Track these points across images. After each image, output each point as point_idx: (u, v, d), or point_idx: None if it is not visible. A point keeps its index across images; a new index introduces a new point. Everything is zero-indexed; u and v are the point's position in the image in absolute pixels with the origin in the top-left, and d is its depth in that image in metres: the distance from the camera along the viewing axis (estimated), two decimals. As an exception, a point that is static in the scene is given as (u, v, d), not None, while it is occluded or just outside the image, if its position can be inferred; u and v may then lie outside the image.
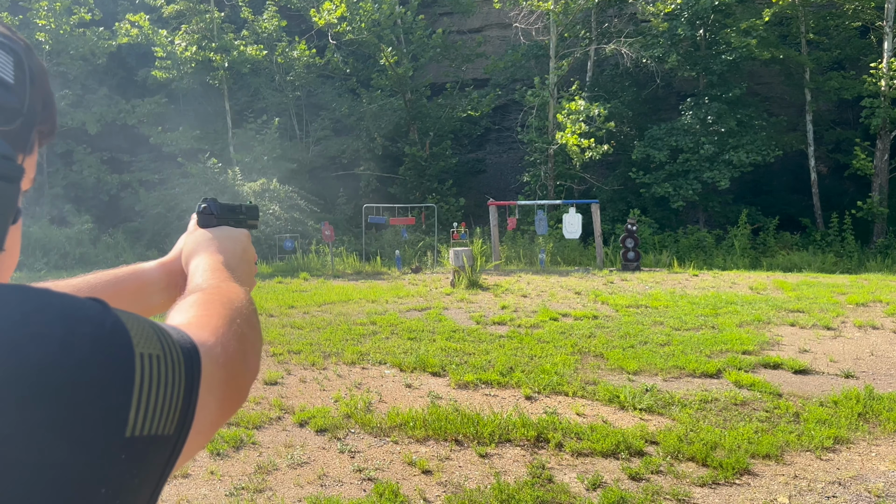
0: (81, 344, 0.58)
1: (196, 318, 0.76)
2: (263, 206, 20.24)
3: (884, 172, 20.46)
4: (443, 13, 28.16)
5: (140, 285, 1.07)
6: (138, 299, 1.05)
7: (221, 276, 0.95)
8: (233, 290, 0.88)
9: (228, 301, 0.83)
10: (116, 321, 0.62)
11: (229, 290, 0.87)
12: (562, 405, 5.78)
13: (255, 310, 0.89)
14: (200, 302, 0.81)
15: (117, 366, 0.59)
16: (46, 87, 0.73)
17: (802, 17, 21.79)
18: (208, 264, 0.99)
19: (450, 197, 23.76)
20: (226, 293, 0.86)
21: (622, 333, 8.57)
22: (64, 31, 22.73)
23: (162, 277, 1.09)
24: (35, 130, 0.72)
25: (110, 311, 0.63)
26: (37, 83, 0.71)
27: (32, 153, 0.73)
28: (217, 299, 0.83)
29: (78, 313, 0.60)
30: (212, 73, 23.84)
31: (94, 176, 23.47)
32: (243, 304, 0.85)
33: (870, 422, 5.31)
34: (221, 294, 0.85)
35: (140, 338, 0.62)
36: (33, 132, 0.72)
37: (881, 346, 7.96)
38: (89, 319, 0.60)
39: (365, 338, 8.46)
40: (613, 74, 25.00)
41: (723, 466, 4.41)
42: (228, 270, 0.99)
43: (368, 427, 5.25)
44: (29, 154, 0.72)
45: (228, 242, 1.09)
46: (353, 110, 24.88)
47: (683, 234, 20.99)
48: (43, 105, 0.73)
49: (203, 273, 0.96)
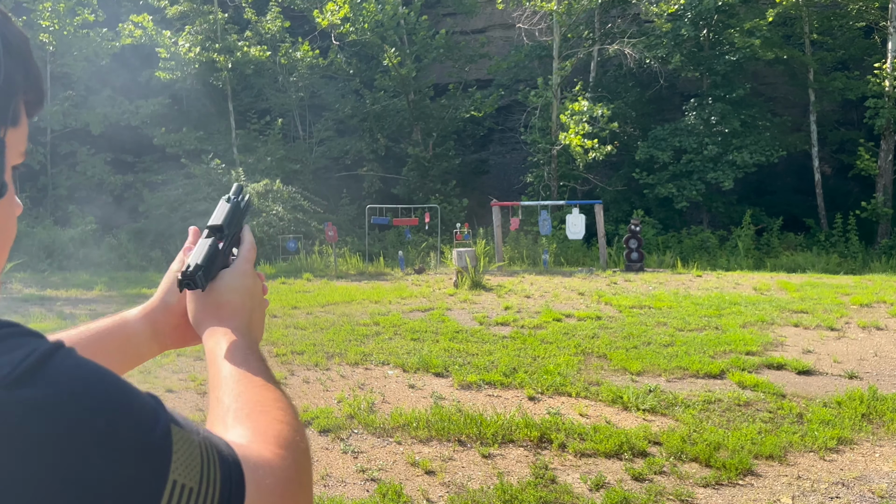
0: (117, 446, 0.56)
1: (247, 437, 0.71)
2: (267, 207, 20.26)
3: (888, 173, 20.41)
4: (446, 14, 28.17)
5: (125, 338, 1.01)
6: (125, 353, 1.00)
7: (255, 366, 0.85)
8: (276, 397, 0.80)
9: (277, 411, 0.77)
10: (166, 434, 0.59)
11: (275, 399, 0.79)
12: (565, 406, 5.78)
13: (297, 412, 0.81)
14: (244, 415, 0.75)
15: (143, 487, 0.56)
16: (27, 56, 0.70)
17: (806, 17, 21.75)
18: (235, 354, 0.87)
19: (453, 197, 23.76)
20: (271, 401, 0.78)
21: (625, 334, 8.56)
22: (67, 32, 22.77)
23: (146, 328, 1.03)
24: (19, 101, 0.70)
25: (163, 417, 0.60)
26: (14, 52, 0.67)
27: (19, 125, 0.70)
28: (261, 409, 0.76)
29: (129, 408, 0.58)
30: (215, 74, 23.87)
31: (98, 177, 23.50)
32: (292, 415, 0.78)
33: (873, 422, 5.30)
34: (265, 403, 0.78)
35: (181, 462, 0.58)
36: (15, 102, 0.69)
37: (885, 346, 7.94)
38: (138, 423, 0.58)
39: (368, 338, 8.47)
40: (617, 75, 24.98)
41: (726, 467, 4.41)
42: (252, 338, 0.93)
43: (371, 427, 5.25)
44: (13, 126, 0.69)
45: (242, 298, 0.98)
46: (356, 111, 24.90)
47: (687, 234, 20.97)
48: (25, 74, 0.70)
49: (232, 376, 0.83)
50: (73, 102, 23.17)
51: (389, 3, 22.47)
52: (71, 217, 21.36)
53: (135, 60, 25.62)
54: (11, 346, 0.58)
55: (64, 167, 23.69)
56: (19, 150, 0.72)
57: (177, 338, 1.05)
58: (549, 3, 21.64)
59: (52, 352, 0.59)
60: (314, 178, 24.96)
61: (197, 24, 23.66)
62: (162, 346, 1.05)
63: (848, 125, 24.34)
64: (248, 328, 0.95)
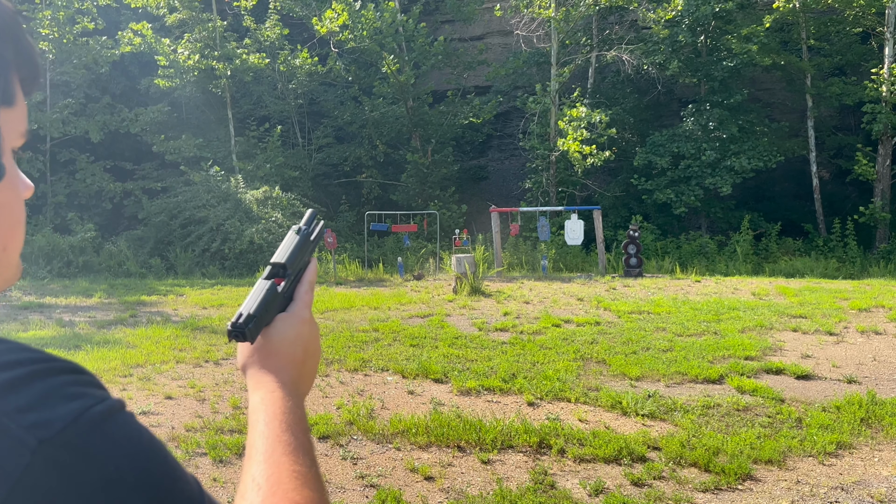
0: None
1: None
2: (266, 214, 20.27)
3: (886, 178, 20.45)
4: (444, 21, 28.24)
5: None
6: None
7: (294, 439, 0.78)
8: (305, 482, 0.73)
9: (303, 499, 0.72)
10: None
11: (302, 484, 0.73)
12: (564, 411, 5.78)
13: (326, 493, 0.76)
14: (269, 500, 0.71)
15: None
16: (16, 31, 0.68)
17: (803, 23, 21.83)
18: (275, 420, 0.80)
19: (452, 204, 23.79)
20: (299, 487, 0.72)
21: (624, 339, 8.57)
22: (67, 40, 22.82)
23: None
24: (11, 78, 0.68)
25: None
26: (2, 29, 0.66)
27: (14, 104, 0.68)
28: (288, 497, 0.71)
29: (169, 493, 0.59)
30: (214, 82, 23.92)
31: (98, 184, 23.52)
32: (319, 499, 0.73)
33: (872, 427, 5.31)
34: (292, 491, 0.72)
35: None
36: (6, 81, 0.67)
37: (884, 351, 7.95)
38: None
39: (367, 345, 8.47)
40: (615, 81, 25.04)
41: (725, 472, 4.41)
42: (300, 394, 0.88)
43: (371, 434, 5.26)
44: (9, 105, 0.67)
45: (295, 350, 0.92)
46: (355, 118, 24.94)
47: (686, 240, 20.98)
48: (16, 51, 0.68)
49: (267, 451, 0.76)
50: (73, 110, 23.20)
51: (388, 10, 22.54)
52: (70, 224, 21.36)
53: (134, 68, 25.68)
54: (77, 393, 0.59)
55: (63, 175, 23.71)
56: (18, 130, 0.70)
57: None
58: (547, 10, 21.71)
59: (114, 411, 0.59)
60: (313, 184, 24.99)
61: (196, 32, 23.71)
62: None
63: (845, 130, 24.39)
64: (296, 383, 0.89)
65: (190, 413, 5.84)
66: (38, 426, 0.55)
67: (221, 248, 19.41)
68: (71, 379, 0.60)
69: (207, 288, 15.06)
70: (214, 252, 19.45)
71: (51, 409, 0.56)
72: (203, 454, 4.90)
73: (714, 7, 20.48)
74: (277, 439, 0.77)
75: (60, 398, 0.57)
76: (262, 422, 0.80)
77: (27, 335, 9.24)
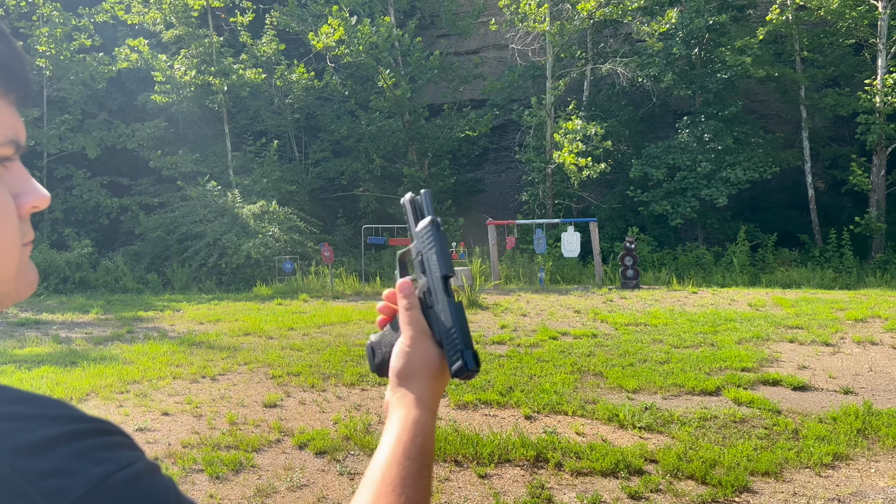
0: None
1: None
2: (263, 229, 20.29)
3: (881, 188, 20.54)
4: (440, 35, 28.40)
5: None
6: None
7: (417, 466, 0.82)
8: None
9: None
10: None
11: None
12: (561, 424, 5.78)
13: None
14: None
15: None
16: (4, 37, 0.67)
17: (796, 35, 21.99)
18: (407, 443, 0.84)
19: (449, 217, 23.83)
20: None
21: (621, 352, 8.57)
22: (64, 56, 22.91)
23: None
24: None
25: None
26: None
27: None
28: None
29: None
30: (211, 97, 24.00)
31: (94, 200, 23.56)
32: None
33: (869, 438, 5.31)
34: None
35: None
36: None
37: (880, 361, 7.96)
38: None
39: (364, 359, 8.46)
40: (610, 94, 25.17)
41: (722, 484, 4.41)
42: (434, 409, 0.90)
43: (368, 449, 5.25)
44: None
45: (437, 377, 0.93)
46: (351, 132, 25.03)
47: (682, 251, 21.03)
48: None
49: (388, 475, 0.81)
50: (70, 126, 23.27)
51: (384, 25, 22.66)
52: (67, 240, 21.38)
53: (131, 84, 25.77)
54: (102, 458, 0.58)
55: (60, 191, 23.73)
56: (7, 136, 0.67)
57: None
58: (542, 24, 21.85)
59: (140, 476, 0.59)
60: (310, 198, 25.03)
61: (192, 48, 23.81)
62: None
63: (840, 141, 24.51)
64: (434, 398, 0.91)
65: (186, 429, 5.83)
66: (57, 493, 0.54)
67: (218, 263, 19.41)
68: (98, 443, 0.59)
69: (205, 303, 15.04)
70: (211, 267, 19.45)
71: (72, 476, 0.55)
72: (199, 471, 4.89)
73: (708, 20, 20.63)
74: (398, 461, 0.81)
75: (84, 463, 0.57)
76: (395, 439, 0.84)
77: (23, 352, 9.22)
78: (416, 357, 0.91)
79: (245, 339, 10.16)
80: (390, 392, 0.92)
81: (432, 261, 0.93)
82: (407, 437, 0.84)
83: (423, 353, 0.92)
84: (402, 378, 0.91)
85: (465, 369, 0.86)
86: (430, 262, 0.94)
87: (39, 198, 0.69)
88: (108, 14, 23.95)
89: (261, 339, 10.14)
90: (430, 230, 0.95)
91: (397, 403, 0.89)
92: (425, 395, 0.89)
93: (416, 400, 0.88)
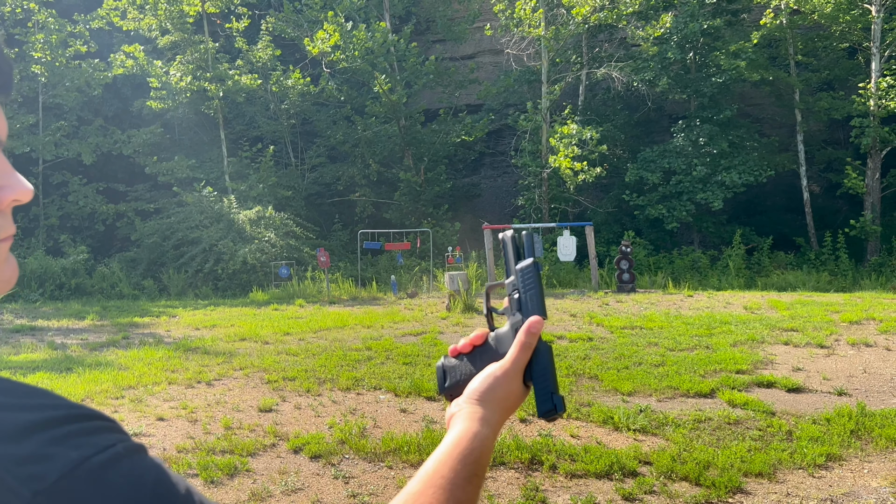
0: None
1: None
2: (259, 234, 20.29)
3: (875, 191, 20.60)
4: (436, 40, 28.46)
5: None
6: None
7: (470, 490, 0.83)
8: None
9: None
10: None
11: None
12: (556, 427, 5.79)
13: None
14: None
15: None
16: None
17: (790, 38, 22.06)
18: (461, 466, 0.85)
19: (445, 221, 23.85)
20: None
21: (617, 355, 8.59)
22: (60, 63, 22.93)
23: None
24: None
25: None
26: None
27: None
28: None
29: None
30: (207, 103, 24.02)
31: (90, 206, 23.55)
32: None
33: (862, 438, 5.33)
34: None
35: None
36: None
37: (874, 363, 7.98)
38: None
39: (360, 363, 8.47)
40: (605, 98, 25.24)
41: (716, 485, 4.42)
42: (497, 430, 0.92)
43: (363, 453, 5.26)
44: None
45: (509, 410, 0.96)
46: (347, 137, 25.05)
47: (678, 255, 21.05)
48: None
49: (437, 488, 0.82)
50: (65, 133, 23.27)
51: (379, 30, 22.70)
52: (63, 247, 21.35)
53: (126, 90, 25.78)
54: (80, 443, 0.58)
55: (56, 197, 23.72)
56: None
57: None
58: (537, 29, 21.91)
59: (119, 457, 0.59)
60: (306, 204, 25.04)
61: (188, 54, 23.84)
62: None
63: (835, 144, 24.59)
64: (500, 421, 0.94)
65: (181, 434, 5.83)
66: (33, 478, 0.55)
67: (214, 269, 19.40)
68: (76, 428, 0.59)
69: (200, 309, 15.03)
70: (207, 273, 19.43)
71: (48, 461, 0.56)
72: (194, 475, 4.89)
73: (702, 24, 20.70)
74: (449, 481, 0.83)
75: (61, 448, 0.57)
76: (445, 445, 0.87)
77: (18, 358, 9.21)
78: (503, 386, 0.94)
79: (241, 344, 10.16)
80: (457, 406, 0.94)
81: (534, 302, 0.97)
82: (466, 444, 0.86)
83: (510, 386, 0.94)
84: (480, 398, 0.93)
85: (555, 412, 0.93)
86: (531, 304, 0.98)
87: (21, 191, 0.69)
88: (104, 20, 23.98)
89: (256, 344, 10.14)
90: (533, 273, 0.99)
91: (464, 416, 0.91)
92: (493, 420, 0.92)
93: (483, 418, 0.90)
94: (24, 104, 23.59)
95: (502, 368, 0.94)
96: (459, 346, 1.01)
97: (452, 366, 1.00)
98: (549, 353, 0.95)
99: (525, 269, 1.00)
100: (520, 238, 1.03)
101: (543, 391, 0.93)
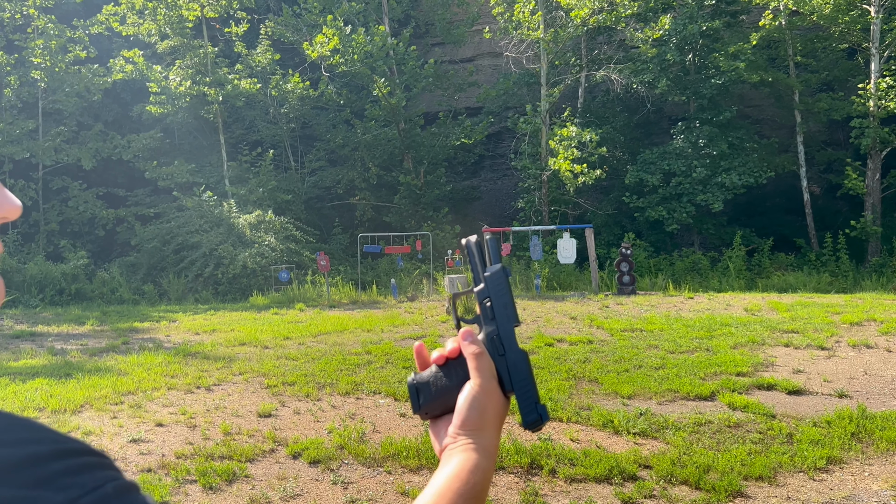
0: None
1: None
2: (259, 238, 20.28)
3: (876, 191, 20.58)
4: (435, 44, 28.46)
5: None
6: None
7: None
8: None
9: None
10: None
11: None
12: (556, 431, 5.77)
13: None
14: None
15: None
16: None
17: (790, 40, 22.05)
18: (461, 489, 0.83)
19: (445, 224, 23.83)
20: None
21: (617, 358, 8.57)
22: (59, 68, 22.94)
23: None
24: None
25: None
26: None
27: None
28: None
29: None
30: (206, 107, 24.02)
31: (90, 211, 23.55)
32: None
33: (863, 441, 5.31)
34: None
35: None
36: None
37: (875, 365, 7.96)
38: None
39: (360, 368, 8.45)
40: (604, 100, 25.23)
41: (716, 489, 4.41)
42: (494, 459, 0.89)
43: (362, 458, 5.24)
44: None
45: (501, 426, 0.93)
46: (347, 141, 25.04)
47: (678, 256, 21.02)
48: None
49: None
50: (65, 138, 23.27)
51: (378, 34, 22.71)
52: (63, 252, 21.34)
53: (126, 95, 25.80)
54: (65, 484, 0.54)
55: (56, 202, 23.73)
56: None
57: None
58: (536, 32, 21.91)
59: (107, 499, 0.55)
60: (306, 207, 25.03)
61: (187, 59, 23.85)
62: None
63: (835, 145, 24.57)
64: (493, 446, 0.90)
65: (180, 440, 5.82)
66: None
67: (214, 273, 19.39)
68: (62, 466, 0.55)
69: (201, 313, 15.02)
70: (207, 277, 19.42)
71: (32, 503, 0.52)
72: (193, 481, 4.87)
73: (701, 26, 20.70)
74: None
75: (45, 491, 0.52)
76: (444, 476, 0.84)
77: (18, 364, 9.20)
78: (491, 408, 0.89)
79: (240, 349, 10.14)
80: (451, 439, 0.88)
81: (507, 309, 0.94)
82: (466, 475, 0.83)
83: (496, 404, 0.90)
84: (475, 430, 0.88)
85: (541, 422, 0.88)
86: (503, 311, 0.94)
87: (9, 208, 0.67)
88: (103, 26, 24.01)
89: (256, 348, 10.13)
90: (503, 278, 0.95)
91: (460, 450, 0.87)
92: (491, 446, 0.88)
93: (481, 448, 0.86)
94: (23, 109, 23.60)
95: (478, 386, 0.90)
96: (433, 357, 0.97)
97: (425, 381, 0.95)
98: (526, 362, 0.92)
99: (493, 275, 0.96)
100: (485, 243, 0.99)
101: (527, 402, 0.90)
